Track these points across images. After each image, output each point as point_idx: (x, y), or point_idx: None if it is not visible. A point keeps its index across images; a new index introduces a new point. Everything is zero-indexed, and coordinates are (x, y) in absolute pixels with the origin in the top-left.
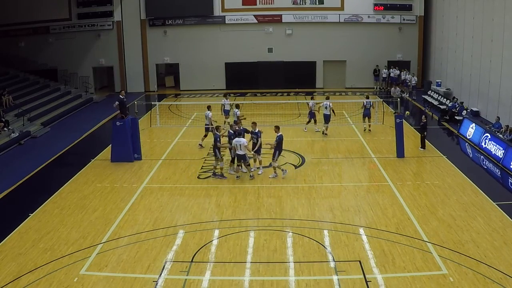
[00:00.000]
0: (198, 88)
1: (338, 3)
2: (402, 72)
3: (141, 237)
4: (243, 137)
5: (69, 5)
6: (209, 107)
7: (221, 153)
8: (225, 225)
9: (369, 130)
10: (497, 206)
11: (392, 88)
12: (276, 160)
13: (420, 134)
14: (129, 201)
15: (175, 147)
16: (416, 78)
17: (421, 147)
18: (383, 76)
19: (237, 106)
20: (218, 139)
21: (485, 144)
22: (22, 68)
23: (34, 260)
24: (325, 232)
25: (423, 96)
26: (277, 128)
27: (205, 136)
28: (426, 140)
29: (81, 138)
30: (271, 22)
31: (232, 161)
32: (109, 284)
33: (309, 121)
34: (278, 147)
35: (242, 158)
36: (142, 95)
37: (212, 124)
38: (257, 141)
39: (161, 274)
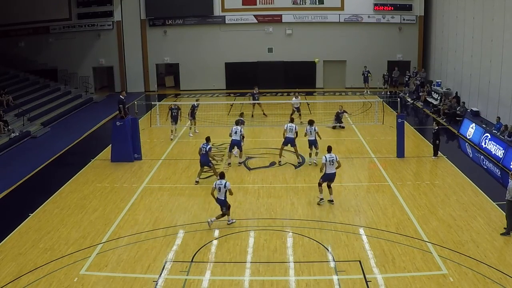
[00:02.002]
0: (198, 88)
1: (338, 3)
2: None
3: (141, 237)
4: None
5: (69, 5)
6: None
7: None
8: (225, 225)
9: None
10: (497, 206)
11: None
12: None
13: (433, 143)
14: (129, 201)
15: (175, 147)
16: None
17: (433, 155)
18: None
19: (311, 123)
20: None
21: (485, 144)
22: (22, 68)
23: (34, 260)
24: (325, 232)
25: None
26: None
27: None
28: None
29: (81, 138)
30: (271, 22)
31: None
32: (109, 284)
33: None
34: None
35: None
36: (142, 95)
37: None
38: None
39: (161, 274)
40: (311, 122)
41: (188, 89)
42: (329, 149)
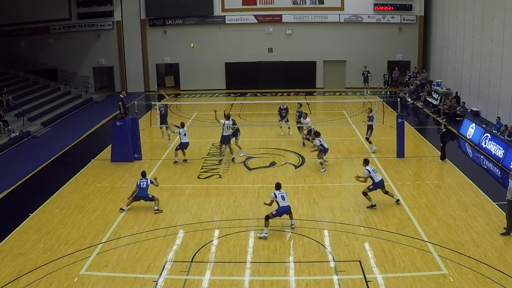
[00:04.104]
0: (198, 88)
1: (338, 3)
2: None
3: (141, 237)
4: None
5: (69, 5)
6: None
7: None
8: (225, 225)
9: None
10: (497, 206)
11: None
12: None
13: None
14: None
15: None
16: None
17: (440, 158)
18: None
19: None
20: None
21: (485, 144)
22: (22, 68)
23: (34, 260)
24: (325, 232)
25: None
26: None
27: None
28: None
29: (81, 138)
30: (271, 22)
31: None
32: (109, 284)
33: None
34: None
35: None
36: (142, 95)
37: None
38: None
39: (161, 274)
40: (317, 134)
41: (188, 89)
42: (367, 161)
